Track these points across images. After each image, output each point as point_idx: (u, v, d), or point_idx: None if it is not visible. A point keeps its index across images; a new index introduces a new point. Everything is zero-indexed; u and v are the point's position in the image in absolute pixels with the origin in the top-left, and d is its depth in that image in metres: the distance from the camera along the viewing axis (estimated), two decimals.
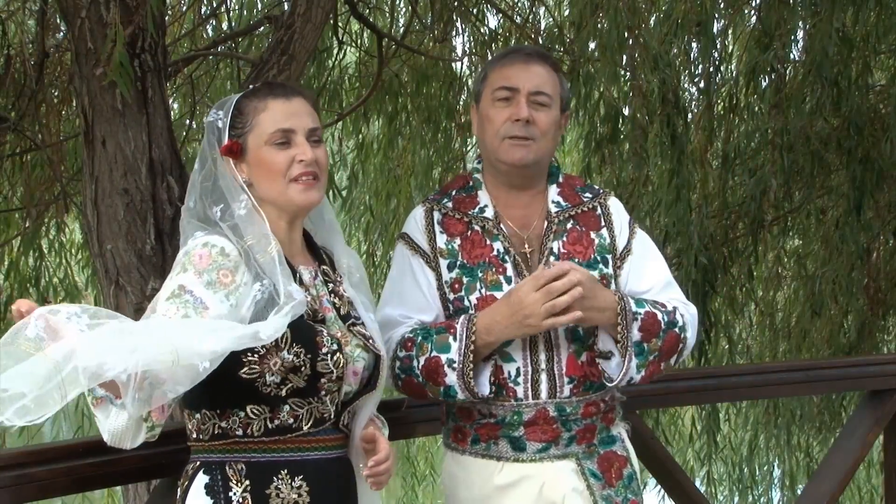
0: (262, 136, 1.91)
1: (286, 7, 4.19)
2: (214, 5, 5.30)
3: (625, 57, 4.70)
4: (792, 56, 5.30)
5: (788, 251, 6.50)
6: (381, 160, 6.05)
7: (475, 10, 5.48)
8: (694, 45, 5.23)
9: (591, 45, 4.74)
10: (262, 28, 4.90)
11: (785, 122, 4.88)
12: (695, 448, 6.20)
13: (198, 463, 1.88)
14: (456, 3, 5.25)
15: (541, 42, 5.29)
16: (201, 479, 1.85)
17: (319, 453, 1.90)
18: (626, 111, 4.87)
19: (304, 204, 1.93)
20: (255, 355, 1.80)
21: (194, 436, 1.89)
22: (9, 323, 5.12)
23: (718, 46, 5.46)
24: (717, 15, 5.26)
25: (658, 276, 2.28)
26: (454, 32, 5.58)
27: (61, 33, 4.29)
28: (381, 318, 2.19)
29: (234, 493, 1.83)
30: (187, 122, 4.90)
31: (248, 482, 1.84)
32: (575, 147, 6.47)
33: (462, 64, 5.78)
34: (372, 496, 2.02)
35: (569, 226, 2.23)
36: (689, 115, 5.30)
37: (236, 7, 5.51)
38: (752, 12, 5.63)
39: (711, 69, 5.23)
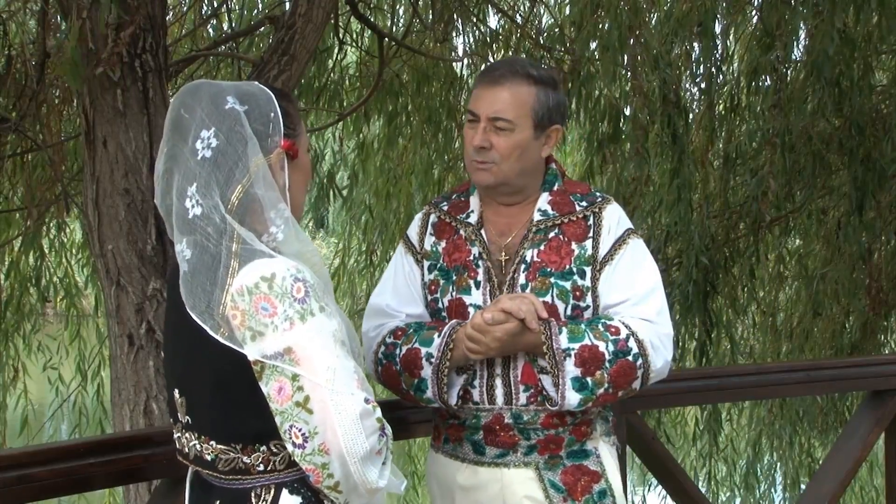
0: (305, 143, 1.90)
1: (287, 7, 4.19)
2: (215, 5, 5.29)
3: (626, 57, 4.70)
4: (793, 56, 5.29)
5: (790, 251, 6.49)
6: (382, 160, 6.05)
7: (476, 10, 5.47)
8: (695, 45, 5.23)
9: (592, 45, 4.73)
10: (262, 28, 4.90)
11: (786, 123, 4.87)
12: (697, 448, 6.20)
13: (272, 486, 1.79)
14: (456, 4, 5.25)
15: (541, 42, 5.28)
16: (290, 499, 1.78)
17: None
18: (627, 111, 4.87)
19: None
20: None
21: (261, 468, 1.79)
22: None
23: (720, 46, 5.46)
24: (718, 15, 5.25)
25: (637, 289, 2.18)
26: (455, 32, 5.58)
27: (62, 34, 4.29)
28: (371, 306, 2.31)
29: None
30: None
31: None
32: (577, 147, 6.46)
33: (462, 64, 5.78)
34: None
35: (551, 235, 2.21)
36: (691, 115, 5.30)
37: (237, 7, 5.51)
38: (754, 12, 5.62)
39: (713, 69, 5.23)
